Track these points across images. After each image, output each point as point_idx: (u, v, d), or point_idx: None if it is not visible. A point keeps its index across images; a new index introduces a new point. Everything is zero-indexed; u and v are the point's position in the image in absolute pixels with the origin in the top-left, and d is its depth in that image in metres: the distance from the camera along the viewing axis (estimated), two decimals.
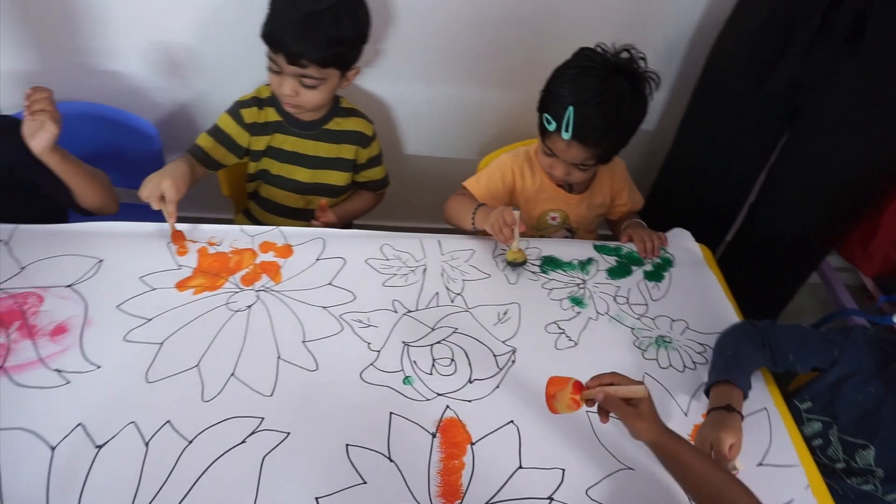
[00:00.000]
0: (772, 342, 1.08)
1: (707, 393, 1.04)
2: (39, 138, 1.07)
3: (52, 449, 0.89)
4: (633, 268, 1.29)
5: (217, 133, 1.35)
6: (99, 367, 0.99)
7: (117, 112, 1.49)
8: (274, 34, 1.19)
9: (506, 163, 1.36)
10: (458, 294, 1.19)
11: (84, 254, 1.15)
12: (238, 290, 1.14)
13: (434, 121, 1.69)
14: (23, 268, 1.11)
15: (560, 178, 1.31)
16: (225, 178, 1.53)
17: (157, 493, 0.86)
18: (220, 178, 1.54)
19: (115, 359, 1.00)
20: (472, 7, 1.46)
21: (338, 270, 1.19)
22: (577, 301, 1.20)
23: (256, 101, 1.35)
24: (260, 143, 1.38)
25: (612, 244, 1.34)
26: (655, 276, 1.28)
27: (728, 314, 1.22)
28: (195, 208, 1.47)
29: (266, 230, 1.25)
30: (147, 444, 0.91)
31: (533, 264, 1.26)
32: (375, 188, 1.54)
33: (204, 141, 1.35)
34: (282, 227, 1.26)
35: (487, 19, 1.48)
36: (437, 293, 1.18)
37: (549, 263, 1.27)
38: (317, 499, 0.88)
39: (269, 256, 1.20)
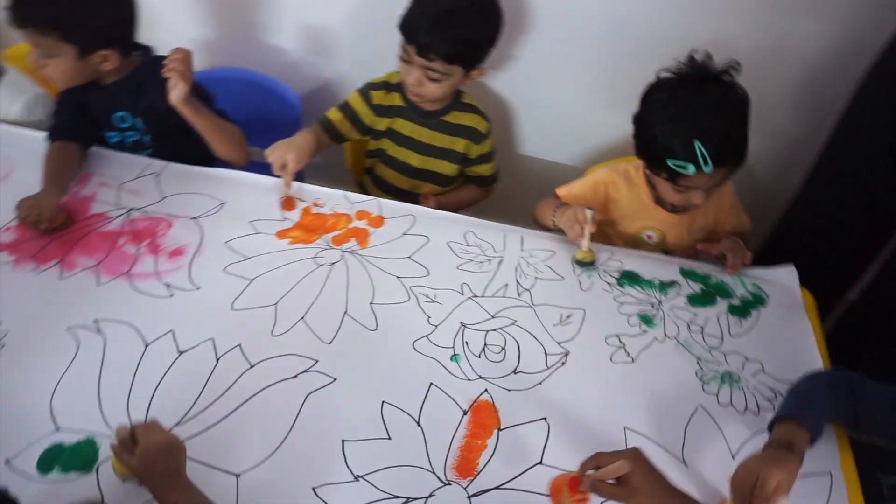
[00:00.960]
0: (858, 396, 0.96)
1: (770, 429, 0.96)
2: (172, 93, 1.26)
3: (146, 345, 1.05)
4: (719, 298, 1.22)
5: (346, 109, 1.49)
6: (198, 289, 1.15)
7: (270, 80, 1.69)
8: (409, 26, 1.29)
9: (601, 176, 1.36)
10: (527, 290, 1.21)
11: (212, 195, 1.33)
12: (327, 247, 1.25)
13: (551, 126, 1.72)
14: (164, 197, 1.31)
15: (679, 204, 1.26)
16: (349, 152, 1.68)
17: (212, 402, 0.98)
18: (345, 151, 1.69)
19: (213, 285, 1.16)
20: (609, 28, 1.48)
21: (419, 247, 1.27)
22: (646, 319, 1.17)
23: (385, 85, 1.47)
24: (382, 123, 1.50)
25: (701, 270, 1.28)
26: (742, 311, 1.20)
27: (814, 366, 1.12)
28: (319, 177, 1.62)
29: (365, 199, 1.35)
30: (217, 360, 1.04)
31: (611, 275, 1.25)
32: (483, 184, 1.60)
33: (333, 114, 1.49)
34: (380, 199, 1.35)
35: (621, 41, 1.49)
36: (506, 284, 1.21)
37: (628, 278, 1.24)
38: (343, 441, 0.96)
39: (361, 223, 1.31)
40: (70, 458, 0.91)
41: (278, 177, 1.33)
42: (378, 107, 1.48)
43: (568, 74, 1.60)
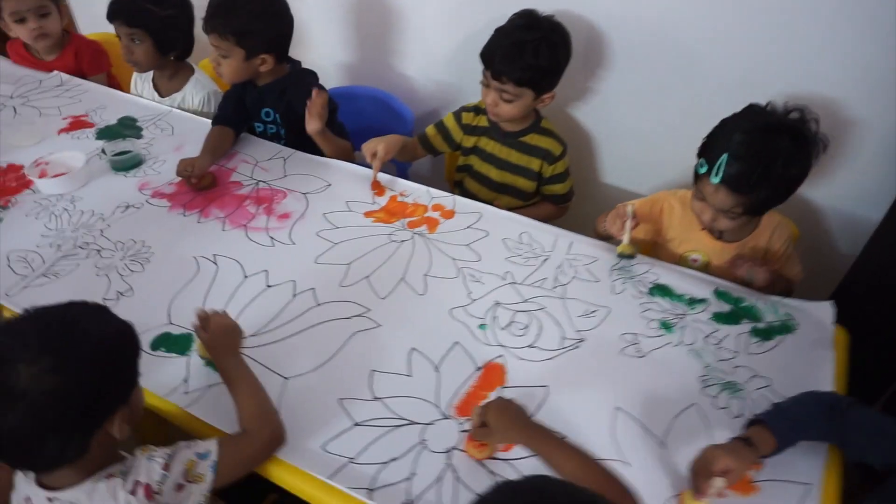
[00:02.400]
0: (847, 417, 0.99)
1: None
2: (309, 125, 1.60)
3: (245, 277, 1.34)
4: (745, 320, 1.28)
5: (440, 125, 1.75)
6: (294, 245, 1.43)
7: (393, 99, 2.00)
8: (487, 54, 1.53)
9: (659, 195, 1.47)
10: (563, 285, 1.35)
11: (322, 177, 1.63)
12: (402, 229, 1.48)
13: (629, 157, 1.85)
14: (285, 175, 1.64)
15: (707, 224, 1.36)
16: (448, 167, 1.93)
17: (282, 325, 1.24)
18: (445, 167, 1.95)
19: (305, 243, 1.44)
20: (686, 64, 1.60)
21: (478, 238, 1.46)
22: (665, 325, 1.26)
23: (475, 109, 1.71)
24: (469, 141, 1.73)
25: (736, 292, 1.34)
26: (765, 334, 1.25)
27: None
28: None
29: (443, 195, 1.59)
30: (294, 296, 1.30)
31: (644, 285, 1.35)
32: (557, 202, 1.76)
33: (430, 130, 1.76)
34: (455, 196, 1.58)
35: (699, 80, 1.61)
36: (545, 278, 1.36)
37: (659, 290, 1.34)
38: (372, 370, 1.16)
39: (435, 214, 1.53)
40: (173, 343, 1.21)
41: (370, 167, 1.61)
42: (467, 126, 1.72)
43: (645, 108, 1.73)
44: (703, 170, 1.27)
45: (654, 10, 1.57)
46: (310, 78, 1.73)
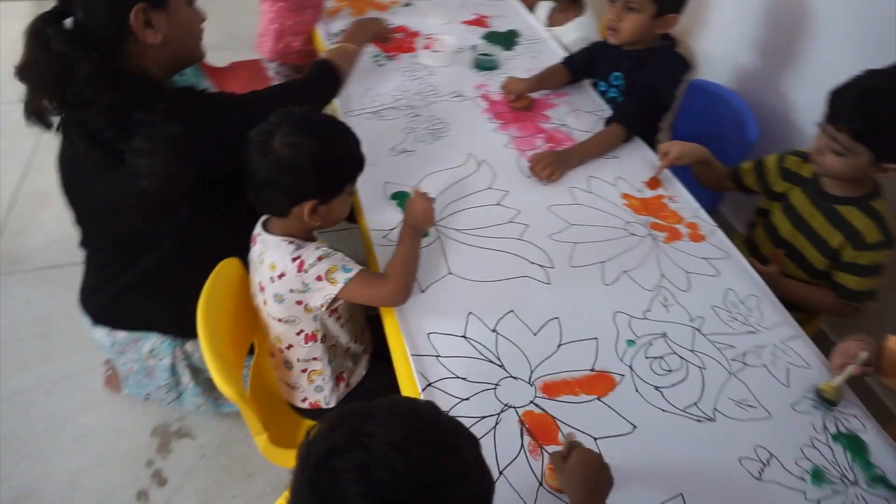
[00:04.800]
0: None
1: None
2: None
3: (488, 188, 1.52)
4: None
5: (759, 163, 1.57)
6: (543, 185, 1.54)
7: (737, 99, 1.83)
8: (834, 95, 1.30)
9: None
10: (744, 364, 1.18)
11: (619, 148, 1.67)
12: (642, 225, 1.45)
13: None
14: (588, 131, 1.71)
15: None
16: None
17: (477, 232, 1.39)
18: None
19: (553, 189, 1.53)
20: None
21: (704, 273, 1.35)
22: (817, 476, 1.03)
23: (804, 155, 1.47)
24: (781, 186, 1.52)
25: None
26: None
27: None
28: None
29: (708, 220, 1.49)
30: (508, 222, 1.43)
31: (834, 424, 1.09)
32: (843, 296, 1.44)
33: (747, 164, 1.60)
34: (717, 229, 1.46)
35: None
36: (732, 346, 1.21)
37: (849, 442, 1.07)
38: (510, 311, 1.24)
39: (685, 230, 1.45)
40: (402, 198, 1.47)
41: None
42: (786, 170, 1.51)
43: None
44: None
45: None
46: (675, 65, 1.68)
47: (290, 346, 1.27)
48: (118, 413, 1.78)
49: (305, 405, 1.34)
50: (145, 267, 1.38)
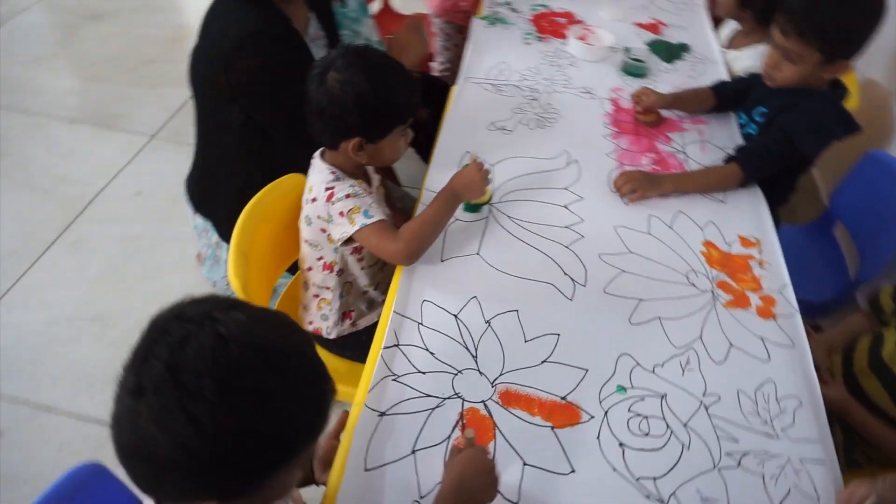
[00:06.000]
0: None
1: None
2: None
3: (563, 188, 1.44)
4: None
5: None
6: (619, 209, 1.42)
7: None
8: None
9: None
10: (735, 457, 1.01)
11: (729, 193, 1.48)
12: (709, 280, 1.28)
13: None
14: (703, 165, 1.54)
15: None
16: None
17: (521, 226, 1.34)
18: None
19: (630, 215, 1.41)
20: None
21: (749, 353, 1.16)
22: None
23: None
24: None
25: None
26: None
27: None
28: None
29: (789, 302, 1.26)
30: (563, 227, 1.35)
31: None
32: None
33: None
34: (798, 316, 1.24)
35: None
36: (735, 439, 1.03)
37: None
38: (515, 309, 1.18)
39: (757, 301, 1.25)
40: None
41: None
42: None
43: None
44: None
45: None
46: (829, 118, 1.41)
47: (310, 269, 1.34)
48: (191, 285, 2.00)
49: (310, 328, 1.40)
50: (212, 155, 1.53)
